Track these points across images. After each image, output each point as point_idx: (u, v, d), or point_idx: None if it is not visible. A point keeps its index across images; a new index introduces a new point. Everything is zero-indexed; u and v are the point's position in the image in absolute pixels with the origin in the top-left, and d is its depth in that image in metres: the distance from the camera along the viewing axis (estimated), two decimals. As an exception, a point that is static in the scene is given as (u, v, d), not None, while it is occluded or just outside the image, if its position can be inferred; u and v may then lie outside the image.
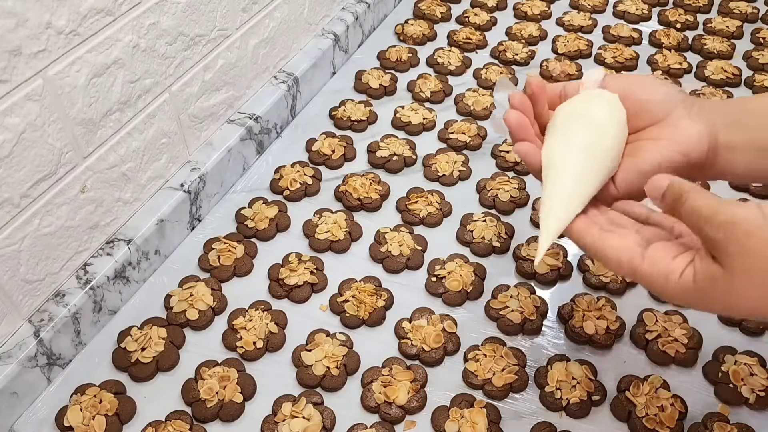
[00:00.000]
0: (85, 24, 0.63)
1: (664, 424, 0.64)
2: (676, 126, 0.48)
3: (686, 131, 0.48)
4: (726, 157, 0.49)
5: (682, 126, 0.48)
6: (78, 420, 0.64)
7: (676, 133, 0.48)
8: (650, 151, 0.48)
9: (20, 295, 0.65)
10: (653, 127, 0.49)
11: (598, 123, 0.49)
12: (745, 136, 0.49)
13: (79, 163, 0.68)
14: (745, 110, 0.50)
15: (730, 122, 0.49)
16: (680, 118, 0.49)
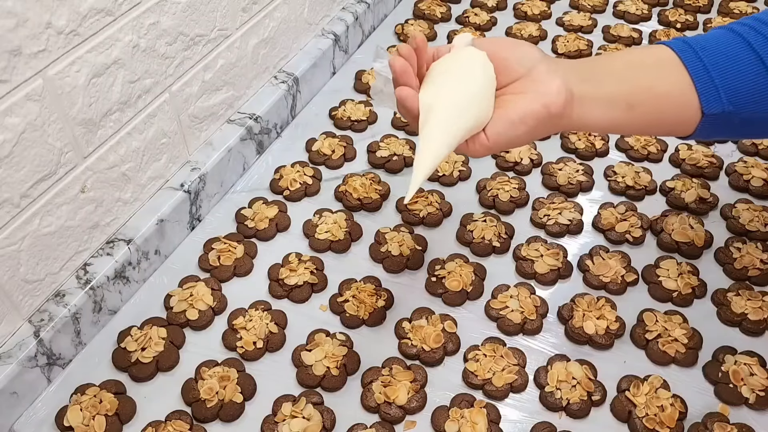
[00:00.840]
0: (85, 24, 0.63)
1: (664, 424, 0.64)
2: (538, 80, 0.53)
3: (546, 85, 0.53)
4: (580, 108, 0.55)
5: (543, 80, 0.53)
6: (78, 420, 0.64)
7: (538, 86, 0.53)
8: (516, 103, 0.53)
9: (20, 295, 0.65)
10: (517, 82, 0.54)
11: (466, 74, 0.53)
12: (595, 90, 0.55)
13: (79, 163, 0.68)
14: (595, 68, 0.56)
15: (583, 79, 0.55)
16: (541, 73, 0.54)
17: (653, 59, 0.57)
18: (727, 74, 0.55)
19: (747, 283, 0.78)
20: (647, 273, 0.78)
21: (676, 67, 0.56)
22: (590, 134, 0.96)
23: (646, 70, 0.56)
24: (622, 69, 0.56)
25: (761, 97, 0.55)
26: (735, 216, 0.84)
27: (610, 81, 0.56)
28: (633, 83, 0.56)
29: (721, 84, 0.55)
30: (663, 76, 0.56)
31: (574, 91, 0.54)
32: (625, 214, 0.85)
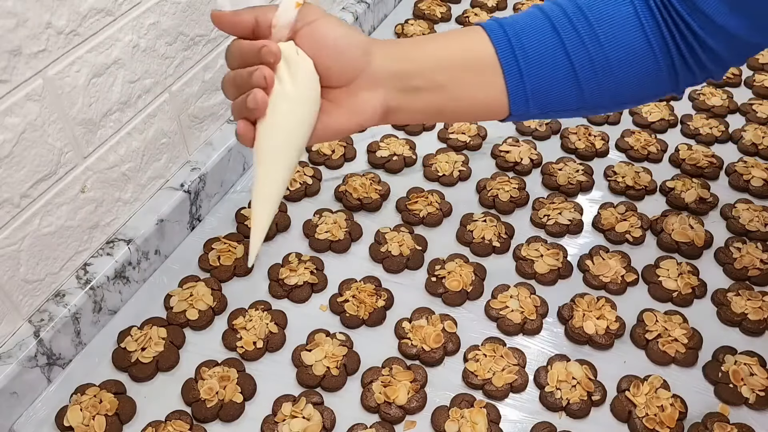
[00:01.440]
0: (85, 24, 0.63)
1: (664, 424, 0.64)
2: (356, 97, 0.54)
3: (363, 105, 0.54)
4: (395, 116, 0.57)
5: (361, 99, 0.54)
6: (78, 420, 0.64)
7: (356, 104, 0.54)
8: (333, 118, 0.54)
9: (20, 295, 0.65)
10: (339, 90, 0.53)
11: (298, 100, 0.52)
12: (412, 103, 0.56)
13: (79, 163, 0.68)
14: (420, 74, 0.55)
15: (403, 89, 0.55)
16: (360, 89, 0.53)
17: (476, 64, 0.57)
18: (539, 82, 0.56)
19: (747, 283, 0.78)
20: (647, 273, 0.78)
21: (495, 75, 0.56)
22: (590, 134, 0.96)
23: (467, 78, 0.57)
24: (444, 78, 0.56)
25: (566, 103, 0.58)
26: (735, 216, 0.84)
27: (429, 94, 0.56)
28: (451, 94, 0.57)
29: (531, 92, 0.57)
30: (482, 86, 0.57)
31: (391, 105, 0.55)
32: (625, 214, 0.85)
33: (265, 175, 0.52)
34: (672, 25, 0.54)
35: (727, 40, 0.53)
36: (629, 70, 0.56)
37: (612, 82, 0.56)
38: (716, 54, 0.54)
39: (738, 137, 0.96)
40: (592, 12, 0.55)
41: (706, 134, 0.97)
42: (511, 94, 0.57)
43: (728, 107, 1.02)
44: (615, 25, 0.55)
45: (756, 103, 1.02)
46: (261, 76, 0.49)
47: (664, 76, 0.56)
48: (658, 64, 0.55)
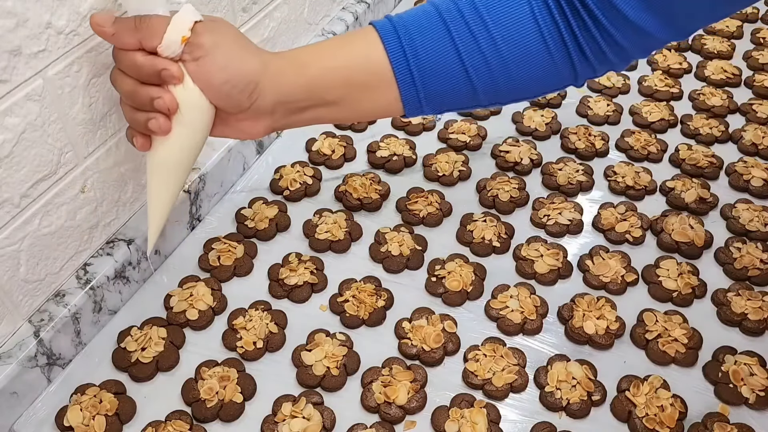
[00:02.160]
0: (85, 24, 0.62)
1: (664, 424, 0.64)
2: (242, 123, 0.57)
3: (248, 129, 0.58)
4: (282, 128, 0.62)
5: (246, 125, 0.58)
6: (78, 420, 0.64)
7: (242, 127, 0.58)
8: (220, 130, 0.59)
9: (20, 295, 0.65)
10: (225, 113, 0.57)
11: (191, 125, 0.55)
12: (300, 119, 0.60)
13: (79, 163, 0.68)
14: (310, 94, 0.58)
15: (292, 111, 0.59)
16: (245, 120, 0.57)
17: (369, 78, 0.58)
18: (433, 87, 0.58)
19: (747, 283, 0.78)
20: (647, 273, 0.78)
21: (389, 86, 0.58)
22: (590, 134, 0.96)
23: (359, 94, 0.58)
24: (335, 96, 0.58)
25: (460, 103, 0.61)
26: (735, 216, 0.84)
27: (319, 110, 0.60)
28: (344, 108, 0.60)
29: (425, 98, 0.58)
30: (375, 98, 0.59)
31: (277, 126, 0.59)
32: (625, 214, 0.85)
33: (158, 186, 0.58)
34: (573, 22, 0.54)
35: (637, 35, 0.54)
36: (525, 69, 0.56)
37: (507, 82, 0.57)
38: (622, 48, 0.55)
39: (738, 137, 0.96)
40: (489, 12, 0.55)
41: (706, 134, 0.97)
42: (405, 102, 0.59)
43: (728, 107, 1.02)
44: (511, 25, 0.55)
45: (756, 103, 1.02)
46: (165, 106, 0.52)
47: (561, 72, 0.57)
48: (553, 61, 0.56)
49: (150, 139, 0.56)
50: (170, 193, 0.59)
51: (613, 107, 1.01)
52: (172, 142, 0.55)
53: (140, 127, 0.54)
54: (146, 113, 0.53)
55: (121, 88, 0.54)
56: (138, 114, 0.54)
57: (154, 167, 0.58)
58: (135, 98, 0.53)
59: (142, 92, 0.53)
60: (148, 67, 0.52)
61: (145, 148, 0.56)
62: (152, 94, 0.52)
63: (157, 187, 0.58)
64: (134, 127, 0.55)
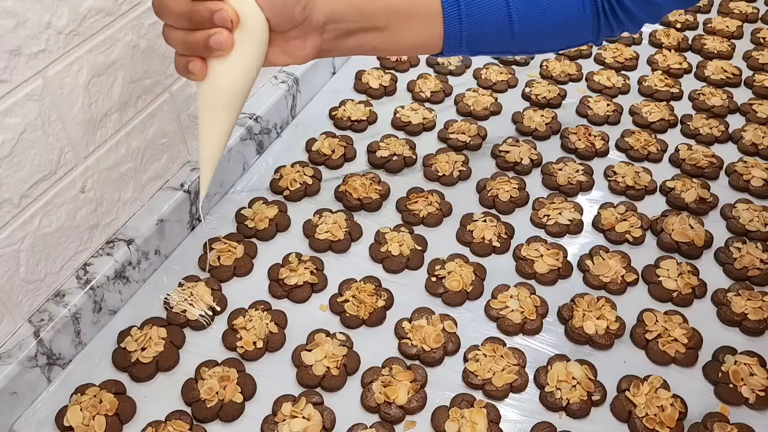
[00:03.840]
0: (85, 24, 0.63)
1: (664, 424, 0.64)
2: (290, 42, 0.54)
3: (296, 50, 0.55)
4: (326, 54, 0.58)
5: (294, 44, 0.55)
6: (78, 420, 0.64)
7: (289, 47, 0.55)
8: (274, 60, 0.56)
9: (20, 295, 0.65)
10: (273, 33, 0.53)
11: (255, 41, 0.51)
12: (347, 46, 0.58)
13: (79, 163, 0.68)
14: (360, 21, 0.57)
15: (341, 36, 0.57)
16: (295, 37, 0.54)
17: (419, 11, 0.59)
18: (476, 28, 0.59)
19: (747, 283, 0.78)
20: (647, 273, 0.78)
21: (435, 21, 0.59)
22: (590, 134, 0.96)
23: (407, 24, 0.58)
24: (383, 22, 0.58)
25: (495, 46, 0.62)
26: (735, 216, 0.84)
27: (365, 35, 0.58)
28: (388, 36, 0.58)
29: (467, 37, 0.60)
30: (420, 30, 0.59)
31: (324, 48, 0.56)
32: (625, 214, 0.85)
33: (215, 118, 0.53)
34: None
35: (645, 3, 0.60)
36: (561, 15, 0.60)
37: (543, 27, 0.60)
38: (632, 12, 0.60)
39: (738, 137, 0.96)
40: None
41: (706, 134, 0.97)
42: (446, 38, 0.59)
43: (728, 107, 1.02)
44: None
45: (756, 103, 1.02)
46: (228, 18, 0.48)
47: (588, 24, 0.61)
48: (585, 12, 0.60)
49: (206, 65, 0.51)
50: (228, 125, 0.53)
51: (613, 107, 1.01)
52: (233, 61, 0.51)
53: (199, 48, 0.49)
54: (205, 31, 0.49)
55: (172, 9, 0.49)
56: (195, 34, 0.49)
57: (212, 95, 0.52)
58: (193, 16, 0.49)
59: (200, 7, 0.48)
60: None
61: (203, 74, 0.51)
62: (212, 7, 0.48)
63: (214, 118, 0.53)
64: (190, 50, 0.50)
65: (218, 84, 0.51)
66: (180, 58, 0.51)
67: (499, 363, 0.69)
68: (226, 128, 0.53)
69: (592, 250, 0.81)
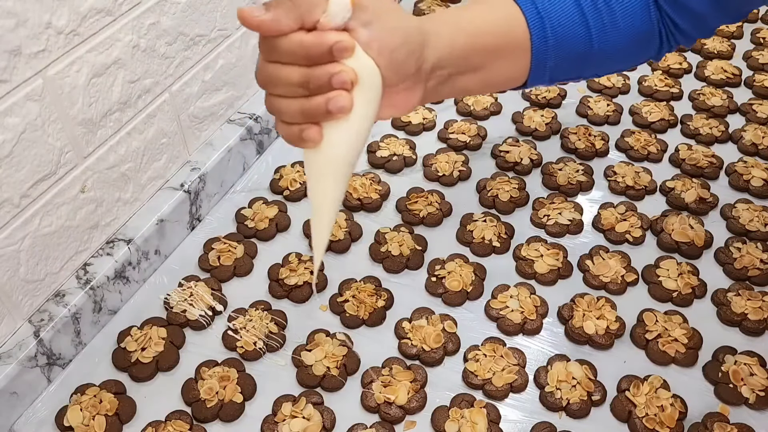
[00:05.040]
0: (85, 24, 0.63)
1: (664, 424, 0.64)
2: (398, 94, 0.51)
3: (402, 102, 0.52)
4: (424, 102, 0.56)
5: (402, 96, 0.51)
6: (78, 420, 0.64)
7: (396, 100, 0.51)
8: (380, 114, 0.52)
9: (20, 295, 0.65)
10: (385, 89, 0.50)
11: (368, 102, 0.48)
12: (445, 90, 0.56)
13: (79, 163, 0.68)
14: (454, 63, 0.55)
15: (440, 82, 0.54)
16: (403, 90, 0.51)
17: (510, 45, 0.58)
18: (560, 62, 0.59)
19: (747, 283, 0.78)
20: (647, 273, 0.78)
21: (524, 56, 0.58)
22: (590, 134, 0.96)
23: (499, 61, 0.58)
24: (479, 61, 0.57)
25: (572, 77, 0.62)
26: (735, 216, 0.84)
27: (462, 78, 0.56)
28: (482, 75, 0.57)
29: (550, 70, 0.59)
30: (511, 67, 0.59)
31: (426, 98, 0.54)
32: (625, 214, 0.85)
33: (330, 184, 0.48)
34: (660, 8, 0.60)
35: (694, 19, 0.60)
36: (635, 43, 0.60)
37: (619, 55, 0.61)
38: (683, 30, 0.61)
39: (738, 137, 0.96)
40: None
41: (706, 134, 0.97)
42: (533, 71, 0.59)
43: (728, 107, 1.02)
44: (631, 11, 0.59)
45: (756, 103, 1.02)
46: (348, 79, 0.45)
47: (654, 42, 0.62)
48: (653, 31, 0.61)
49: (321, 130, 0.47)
50: (341, 190, 0.49)
51: (613, 107, 1.01)
52: (350, 122, 0.47)
53: (318, 113, 0.46)
54: (324, 95, 0.46)
55: (285, 79, 0.46)
56: (313, 100, 0.46)
57: (326, 161, 0.48)
58: (311, 82, 0.45)
59: (317, 73, 0.45)
60: (317, 44, 0.45)
61: (320, 141, 0.47)
62: (330, 70, 0.45)
63: (328, 186, 0.49)
64: (309, 116, 0.47)
65: (335, 149, 0.47)
66: (291, 127, 0.47)
67: (499, 363, 0.69)
68: (340, 195, 0.49)
69: (592, 250, 0.81)
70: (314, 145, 0.47)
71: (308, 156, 0.48)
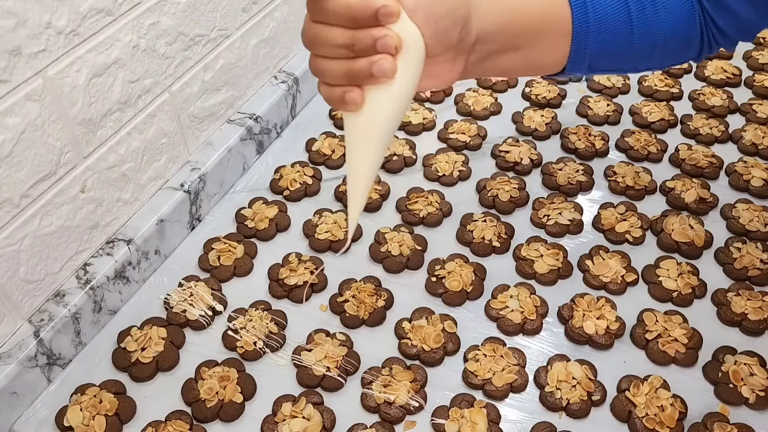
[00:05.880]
0: (85, 24, 0.63)
1: (664, 424, 0.64)
2: (438, 65, 0.51)
3: (443, 73, 0.52)
4: (464, 77, 0.56)
5: (443, 67, 0.51)
6: (78, 420, 0.64)
7: (436, 71, 0.51)
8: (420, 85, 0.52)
9: (20, 295, 0.65)
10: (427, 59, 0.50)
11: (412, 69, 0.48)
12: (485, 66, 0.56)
13: (79, 163, 0.68)
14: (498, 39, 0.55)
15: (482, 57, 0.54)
16: (445, 60, 0.51)
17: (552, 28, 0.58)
18: (600, 49, 0.58)
19: (747, 283, 0.78)
20: (647, 273, 0.78)
21: (565, 41, 0.58)
22: (590, 134, 0.96)
23: (541, 42, 0.58)
24: (521, 41, 0.56)
25: (612, 68, 0.62)
26: (735, 216, 0.84)
27: (504, 56, 0.56)
28: (523, 55, 0.57)
29: (590, 57, 0.59)
30: (551, 50, 0.59)
31: (467, 71, 0.54)
32: (625, 214, 0.85)
33: (369, 151, 0.49)
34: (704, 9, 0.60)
35: (735, 21, 0.60)
36: (676, 37, 0.60)
37: (659, 47, 0.60)
38: (725, 33, 0.61)
39: (738, 137, 0.96)
40: None
41: (706, 134, 0.97)
42: (572, 55, 0.58)
43: (728, 107, 1.02)
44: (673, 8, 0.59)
45: (756, 103, 1.02)
46: (392, 43, 0.45)
47: (696, 46, 0.62)
48: (696, 30, 0.60)
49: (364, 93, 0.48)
50: (381, 157, 0.50)
51: (613, 107, 1.01)
52: (392, 88, 0.47)
53: (362, 76, 0.46)
54: (368, 58, 0.46)
55: (330, 40, 0.46)
56: (357, 62, 0.46)
57: (368, 125, 0.48)
58: (356, 44, 0.46)
59: (362, 35, 0.45)
60: (363, 7, 0.45)
61: (362, 104, 0.48)
62: (375, 34, 0.45)
63: (367, 151, 0.49)
64: (352, 79, 0.47)
65: (375, 113, 0.48)
66: (334, 89, 0.48)
67: (499, 363, 0.69)
68: (378, 161, 0.50)
69: (592, 250, 0.81)
70: (356, 108, 0.47)
71: (349, 119, 0.49)
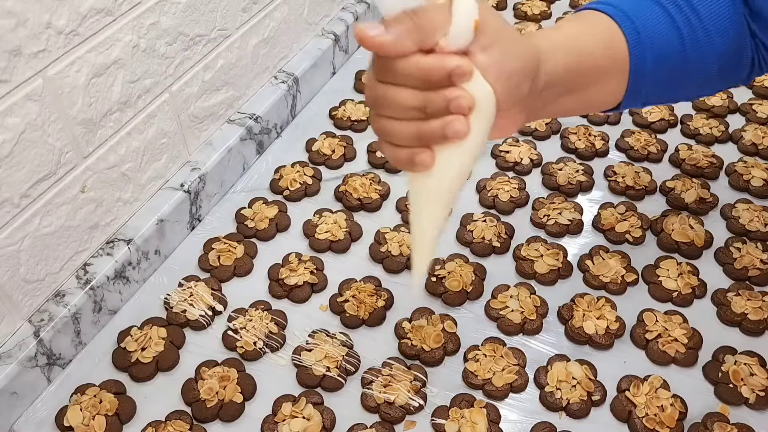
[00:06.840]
0: (85, 24, 0.63)
1: (664, 424, 0.64)
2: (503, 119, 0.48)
3: (507, 126, 0.50)
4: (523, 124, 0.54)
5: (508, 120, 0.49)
6: (78, 420, 0.64)
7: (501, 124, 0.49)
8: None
9: (20, 295, 0.65)
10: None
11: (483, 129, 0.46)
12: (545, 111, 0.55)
13: (79, 163, 0.68)
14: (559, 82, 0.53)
15: (544, 104, 0.53)
16: (510, 113, 0.49)
17: (609, 64, 0.56)
18: (656, 85, 0.57)
19: (747, 283, 0.78)
20: (647, 273, 0.78)
21: (621, 74, 0.57)
22: (590, 134, 0.96)
23: (598, 80, 0.56)
24: (581, 81, 0.55)
25: (669, 96, 0.61)
26: (735, 216, 0.84)
27: (563, 99, 0.55)
28: (581, 96, 0.56)
29: (649, 89, 0.58)
30: (606, 86, 0.57)
31: (533, 114, 0.53)
32: (625, 214, 0.85)
33: (438, 209, 0.47)
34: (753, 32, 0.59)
35: None
36: (726, 75, 0.59)
37: (712, 81, 0.59)
38: None
39: (738, 137, 0.96)
40: (703, 6, 0.57)
41: (706, 134, 0.97)
42: (629, 91, 0.57)
43: (728, 107, 1.02)
44: (724, 30, 0.57)
45: (756, 103, 1.02)
46: (466, 105, 0.43)
47: (746, 71, 0.61)
48: (749, 56, 0.59)
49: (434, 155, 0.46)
50: (447, 214, 0.48)
51: (613, 107, 1.01)
52: (464, 147, 0.45)
53: (434, 138, 0.45)
54: (441, 119, 0.44)
55: (400, 101, 0.44)
56: (429, 124, 0.44)
57: (437, 186, 0.46)
58: (428, 106, 0.44)
59: (436, 97, 0.43)
60: (437, 68, 0.43)
61: (431, 165, 0.46)
62: (448, 95, 0.43)
63: (435, 211, 0.47)
64: (423, 140, 0.45)
65: (445, 173, 0.46)
66: (401, 150, 0.46)
67: (499, 363, 0.69)
68: (446, 219, 0.48)
69: (592, 250, 0.81)
70: (426, 169, 0.46)
71: (416, 179, 0.47)
